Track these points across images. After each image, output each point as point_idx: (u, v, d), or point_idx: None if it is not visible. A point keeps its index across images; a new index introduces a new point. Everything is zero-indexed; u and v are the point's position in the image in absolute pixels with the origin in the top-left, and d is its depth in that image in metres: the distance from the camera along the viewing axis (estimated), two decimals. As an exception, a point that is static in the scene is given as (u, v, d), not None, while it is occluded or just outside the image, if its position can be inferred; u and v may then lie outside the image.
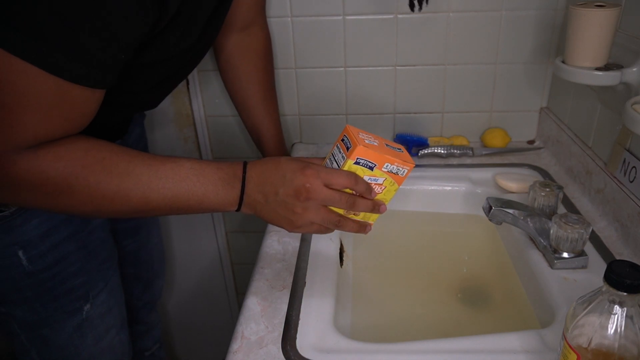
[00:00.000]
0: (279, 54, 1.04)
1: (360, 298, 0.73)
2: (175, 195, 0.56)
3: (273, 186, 0.57)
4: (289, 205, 0.57)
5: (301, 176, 0.56)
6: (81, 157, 0.53)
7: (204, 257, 1.33)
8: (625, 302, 0.42)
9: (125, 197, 0.54)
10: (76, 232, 0.71)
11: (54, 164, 0.51)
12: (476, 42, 1.01)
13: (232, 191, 0.58)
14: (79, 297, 0.73)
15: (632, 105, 0.63)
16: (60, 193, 0.52)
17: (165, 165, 0.56)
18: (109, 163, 0.54)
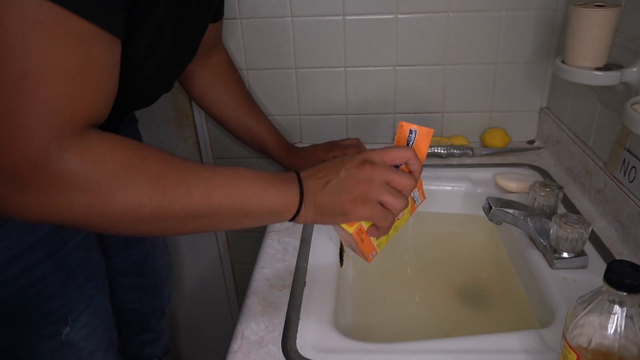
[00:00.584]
0: (279, 54, 1.04)
1: (360, 298, 0.73)
2: (237, 193, 0.52)
3: (333, 169, 0.57)
4: (352, 179, 0.55)
5: (361, 154, 0.57)
6: (137, 150, 0.47)
7: (204, 257, 1.33)
8: (625, 302, 0.42)
9: (186, 193, 0.49)
10: (52, 253, 0.65)
11: (109, 154, 0.45)
12: (476, 42, 1.01)
13: (292, 188, 0.55)
14: (56, 320, 0.67)
15: (632, 105, 0.63)
16: (118, 189, 0.45)
17: (220, 166, 0.53)
18: (165, 158, 0.49)
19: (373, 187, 0.56)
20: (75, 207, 0.44)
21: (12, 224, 0.61)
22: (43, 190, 0.43)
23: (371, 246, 0.63)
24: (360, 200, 0.55)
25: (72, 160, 0.43)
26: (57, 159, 0.42)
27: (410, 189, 0.58)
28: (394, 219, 0.58)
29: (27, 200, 0.43)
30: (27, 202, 0.43)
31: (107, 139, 0.46)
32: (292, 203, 0.55)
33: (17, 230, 0.62)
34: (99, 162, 0.44)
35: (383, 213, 0.57)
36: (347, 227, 0.58)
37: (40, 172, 0.42)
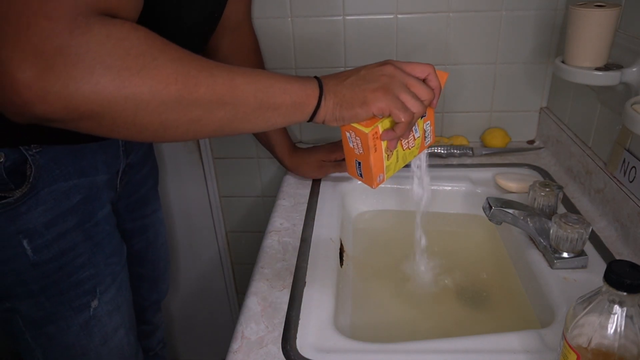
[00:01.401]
0: (279, 54, 1.04)
1: (360, 298, 0.73)
2: (259, 79, 0.52)
3: (354, 70, 0.58)
4: (374, 75, 0.57)
5: (383, 61, 0.59)
6: (158, 36, 0.46)
7: (204, 257, 1.34)
8: (625, 302, 0.42)
9: (210, 76, 0.48)
10: (82, 222, 0.69)
11: (134, 32, 0.44)
12: (476, 42, 1.01)
13: (310, 82, 0.56)
14: (86, 291, 0.71)
15: (632, 105, 0.63)
16: (143, 67, 0.44)
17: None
18: (184, 49, 0.48)
19: (394, 82, 0.56)
20: (102, 86, 0.42)
21: (48, 191, 0.65)
22: (69, 68, 0.41)
23: (381, 164, 0.61)
24: (382, 90, 0.56)
25: (99, 34, 0.41)
26: (85, 33, 0.41)
27: (428, 98, 0.58)
28: (411, 117, 0.57)
29: (52, 83, 0.41)
30: (53, 85, 0.41)
31: (129, 22, 0.45)
32: (312, 94, 0.56)
33: (53, 197, 0.65)
34: (124, 39, 0.43)
35: (403, 106, 0.56)
36: (363, 127, 0.57)
37: (67, 47, 0.40)
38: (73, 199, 0.68)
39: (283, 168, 1.02)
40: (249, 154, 1.16)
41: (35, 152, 0.63)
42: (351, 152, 0.62)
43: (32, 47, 0.40)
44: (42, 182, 0.64)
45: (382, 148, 0.60)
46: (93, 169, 0.70)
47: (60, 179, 0.66)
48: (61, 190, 0.66)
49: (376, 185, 0.63)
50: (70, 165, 0.67)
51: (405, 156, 0.65)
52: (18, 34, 0.40)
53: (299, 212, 0.86)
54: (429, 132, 0.66)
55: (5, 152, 0.62)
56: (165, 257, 1.01)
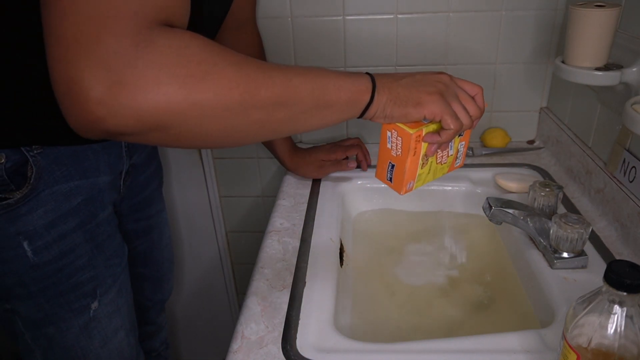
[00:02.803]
0: (279, 54, 1.04)
1: (360, 298, 0.73)
2: (314, 78, 0.53)
3: (409, 73, 0.59)
4: (429, 80, 0.58)
5: (438, 71, 0.60)
6: (215, 42, 0.48)
7: (204, 257, 1.34)
8: (625, 302, 0.42)
9: (269, 78, 0.49)
10: (83, 224, 0.69)
11: (194, 40, 0.45)
12: (476, 42, 1.01)
13: (364, 78, 0.57)
14: (86, 293, 0.71)
15: (632, 105, 0.63)
16: (206, 73, 0.45)
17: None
18: (238, 53, 0.50)
19: (449, 91, 0.58)
20: (168, 95, 0.44)
21: (49, 192, 0.65)
22: (137, 80, 0.42)
23: (414, 170, 0.62)
24: (438, 95, 0.57)
25: (162, 45, 0.43)
26: (149, 45, 0.43)
27: (476, 115, 0.60)
28: (461, 127, 0.59)
29: (122, 97, 0.42)
30: (123, 99, 0.42)
31: (188, 31, 0.46)
32: (365, 90, 0.56)
33: (53, 198, 0.65)
34: (186, 47, 0.45)
35: (454, 114, 0.57)
36: (408, 128, 0.58)
37: (134, 60, 0.42)
38: (74, 200, 0.68)
39: (283, 168, 1.02)
40: (249, 154, 1.16)
41: (36, 153, 0.63)
42: (387, 153, 0.62)
43: (101, 65, 0.41)
44: (43, 183, 0.64)
45: (421, 154, 0.61)
46: (95, 170, 0.70)
47: (61, 181, 0.66)
48: (62, 191, 0.66)
49: (405, 191, 0.63)
50: (71, 167, 0.67)
51: (436, 171, 0.66)
52: (87, 53, 0.41)
53: (299, 212, 0.86)
54: (461, 154, 0.68)
55: (6, 153, 0.62)
56: (169, 257, 1.01)
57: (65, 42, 0.41)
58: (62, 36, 0.42)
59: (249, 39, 0.95)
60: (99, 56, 0.41)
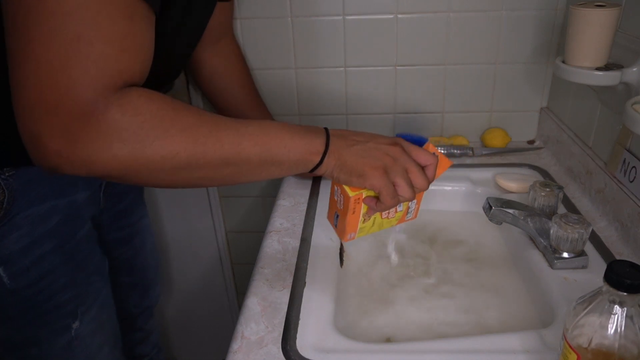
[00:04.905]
0: (279, 54, 1.04)
1: (360, 298, 0.73)
2: (265, 141, 0.55)
3: (362, 137, 0.60)
4: (380, 151, 0.59)
5: (394, 138, 0.61)
6: (171, 103, 0.51)
7: (204, 257, 1.33)
8: (625, 302, 0.42)
9: (217, 141, 0.52)
10: (62, 244, 0.67)
11: (147, 105, 0.49)
12: (476, 42, 1.01)
13: (318, 138, 0.58)
14: (66, 313, 0.69)
15: (632, 105, 0.63)
16: (155, 139, 0.49)
17: (248, 119, 0.56)
18: (196, 111, 0.53)
19: (395, 166, 0.59)
20: (119, 157, 0.48)
21: (23, 215, 0.63)
22: (91, 142, 0.47)
23: (355, 225, 0.65)
24: (381, 170, 0.58)
25: (116, 113, 0.47)
26: (104, 112, 0.46)
27: (421, 188, 0.60)
28: (397, 202, 0.60)
29: (78, 154, 0.47)
30: (78, 155, 0.47)
31: (145, 93, 0.50)
32: (316, 152, 0.57)
33: (28, 221, 0.64)
34: (138, 114, 0.48)
35: (393, 192, 0.59)
36: (349, 190, 0.61)
37: (89, 124, 0.46)
38: (50, 221, 0.66)
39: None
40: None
41: (8, 175, 0.61)
42: (334, 203, 0.66)
43: (61, 126, 0.46)
44: (16, 206, 0.62)
45: (361, 212, 0.64)
46: (72, 187, 0.68)
47: (36, 202, 0.64)
48: (37, 213, 0.64)
49: (346, 239, 0.67)
50: (46, 187, 0.65)
51: (382, 224, 0.69)
52: (50, 115, 0.46)
53: (299, 212, 0.86)
54: (412, 210, 0.70)
55: None
56: (155, 263, 1.00)
57: (30, 103, 0.46)
58: (27, 98, 0.46)
59: (229, 49, 0.96)
60: (58, 118, 0.46)
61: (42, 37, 0.44)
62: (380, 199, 0.60)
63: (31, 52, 0.44)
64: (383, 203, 0.60)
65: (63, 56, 0.45)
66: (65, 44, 0.44)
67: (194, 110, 0.53)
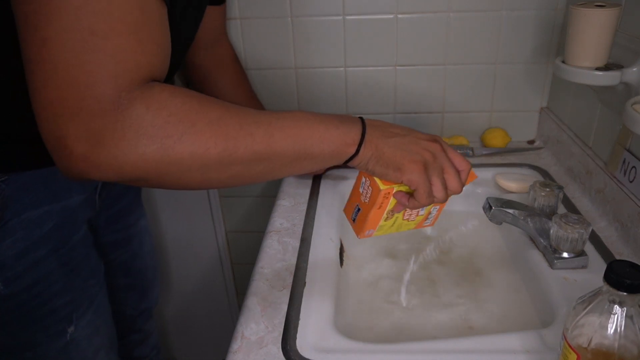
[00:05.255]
0: (279, 54, 1.04)
1: (360, 298, 0.73)
2: (297, 133, 0.52)
3: (400, 129, 0.57)
4: (420, 145, 0.56)
5: (433, 135, 0.59)
6: (196, 96, 0.49)
7: (204, 257, 1.33)
8: (625, 302, 0.42)
9: (249, 135, 0.49)
10: (56, 249, 0.66)
11: (171, 99, 0.47)
12: (476, 42, 1.01)
13: (354, 127, 0.55)
14: (62, 318, 0.69)
15: (632, 105, 0.63)
16: (182, 134, 0.46)
17: (278, 112, 0.53)
18: (223, 104, 0.50)
19: (435, 163, 0.56)
20: (146, 155, 0.46)
21: (17, 221, 0.62)
22: (116, 142, 0.44)
23: (376, 221, 0.62)
24: (420, 165, 0.55)
25: (140, 108, 0.45)
26: (128, 108, 0.44)
27: (455, 191, 0.59)
28: (431, 202, 0.58)
29: (103, 156, 0.45)
30: (104, 157, 0.45)
31: (167, 87, 0.48)
32: (352, 143, 0.54)
33: (22, 227, 0.63)
34: (163, 108, 0.46)
35: (430, 189, 0.56)
36: (381, 183, 0.57)
37: (113, 123, 0.44)
38: (45, 226, 0.65)
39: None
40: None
41: (1, 181, 0.60)
42: (357, 196, 0.62)
43: (85, 127, 0.44)
44: (10, 212, 0.61)
45: (386, 208, 0.60)
46: (66, 192, 0.67)
47: (30, 207, 0.63)
48: (32, 218, 0.63)
49: (362, 236, 0.64)
50: (40, 192, 0.64)
51: (401, 225, 0.66)
52: (73, 116, 0.44)
53: (299, 212, 0.86)
54: (432, 216, 0.66)
55: None
56: (153, 265, 0.99)
57: (51, 106, 0.44)
58: (47, 100, 0.44)
59: (224, 52, 0.97)
60: (82, 120, 0.44)
61: (56, 35, 0.42)
62: (415, 195, 0.56)
63: (46, 52, 0.43)
64: (417, 200, 0.57)
65: (79, 53, 0.43)
66: (80, 40, 0.43)
67: (220, 102, 0.50)
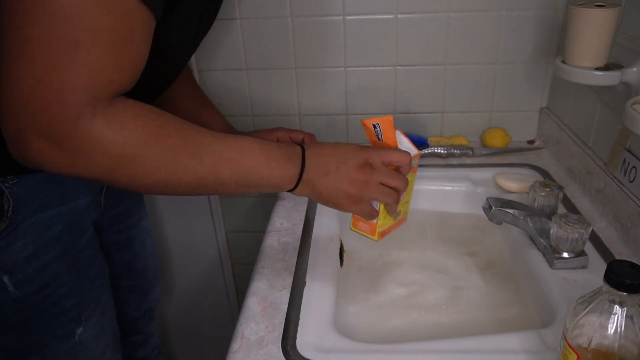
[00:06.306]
0: (279, 54, 1.04)
1: (360, 298, 0.73)
2: (242, 168, 0.56)
3: (335, 162, 0.60)
4: (351, 179, 0.60)
5: (363, 153, 0.61)
6: (158, 118, 0.52)
7: (204, 257, 1.34)
8: (625, 302, 0.42)
9: (199, 164, 0.54)
10: (65, 251, 0.67)
11: (133, 121, 0.49)
12: (476, 42, 1.01)
13: (293, 167, 0.59)
14: (70, 320, 0.69)
15: (632, 105, 0.63)
16: (137, 156, 0.50)
17: (229, 137, 0.57)
18: (182, 128, 0.53)
19: (368, 189, 0.61)
20: (101, 166, 0.49)
21: (28, 223, 0.62)
22: (74, 148, 0.47)
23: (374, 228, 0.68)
24: (354, 200, 0.62)
25: (101, 124, 0.47)
26: (89, 121, 0.47)
27: (402, 188, 0.63)
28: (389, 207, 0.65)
29: (60, 156, 0.48)
30: (60, 158, 0.48)
31: (132, 106, 0.50)
32: (290, 181, 0.60)
33: (33, 229, 0.63)
34: (123, 129, 0.48)
35: (369, 210, 0.64)
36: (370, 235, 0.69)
37: (73, 131, 0.47)
38: (55, 228, 0.65)
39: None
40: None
41: (12, 183, 0.60)
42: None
43: (46, 126, 0.46)
44: (21, 215, 0.61)
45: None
46: (74, 194, 0.68)
47: (40, 210, 0.63)
48: (42, 221, 0.64)
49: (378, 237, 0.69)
50: (49, 194, 0.64)
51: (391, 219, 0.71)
52: (37, 112, 0.46)
53: (299, 212, 0.86)
54: (415, 162, 0.68)
55: None
56: (154, 266, 0.99)
57: (19, 99, 0.45)
58: (17, 94, 0.45)
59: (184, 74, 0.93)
60: (44, 119, 0.46)
61: (41, 37, 0.44)
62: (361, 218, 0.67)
63: (28, 50, 0.44)
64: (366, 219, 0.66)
65: (60, 59, 0.45)
66: (63, 47, 0.44)
67: (179, 125, 0.53)
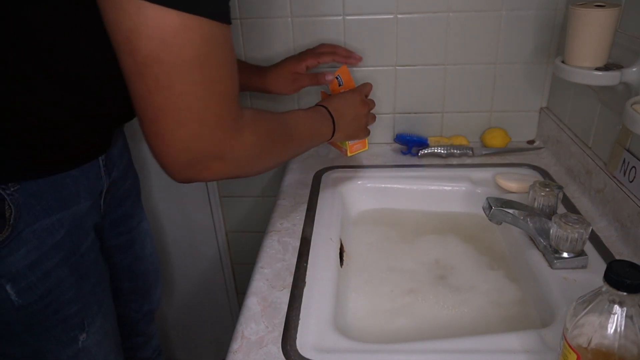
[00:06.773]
0: (279, 54, 1.04)
1: (360, 298, 0.73)
2: (313, 134, 0.79)
3: (348, 108, 0.86)
4: (359, 117, 0.88)
5: (358, 95, 0.88)
6: (264, 116, 0.65)
7: (204, 257, 1.34)
8: (625, 301, 0.42)
9: (293, 142, 0.72)
10: (68, 257, 0.66)
11: (260, 124, 0.62)
12: (476, 42, 1.01)
13: (330, 122, 0.82)
14: (73, 326, 0.68)
15: (632, 105, 0.63)
16: (266, 149, 0.64)
17: (298, 115, 0.76)
18: (280, 125, 0.69)
19: (366, 119, 0.90)
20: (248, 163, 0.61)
21: (30, 230, 0.61)
22: (234, 158, 0.57)
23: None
24: (363, 129, 0.91)
25: (246, 135, 0.58)
26: (240, 134, 0.57)
27: (373, 107, 0.93)
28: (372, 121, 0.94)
29: (223, 167, 0.57)
30: (223, 168, 0.57)
31: (249, 112, 0.60)
32: (331, 132, 0.83)
33: (35, 236, 0.62)
34: (255, 132, 0.60)
35: (367, 132, 0.93)
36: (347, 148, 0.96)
37: (232, 147, 0.56)
38: (57, 234, 0.64)
39: (283, 168, 1.02)
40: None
41: (13, 190, 0.59)
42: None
43: (213, 150, 0.55)
44: (23, 222, 0.60)
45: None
46: (75, 198, 0.67)
47: (42, 216, 0.62)
48: (44, 227, 0.63)
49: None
50: (51, 199, 0.63)
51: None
52: (205, 143, 0.54)
53: (299, 212, 0.86)
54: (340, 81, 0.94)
55: None
56: (155, 268, 0.98)
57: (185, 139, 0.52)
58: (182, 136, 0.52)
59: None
60: (212, 145, 0.54)
61: (190, 87, 0.50)
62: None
63: (182, 101, 0.50)
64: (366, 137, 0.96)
65: (207, 99, 0.52)
66: (208, 90, 0.51)
67: (275, 117, 0.69)
